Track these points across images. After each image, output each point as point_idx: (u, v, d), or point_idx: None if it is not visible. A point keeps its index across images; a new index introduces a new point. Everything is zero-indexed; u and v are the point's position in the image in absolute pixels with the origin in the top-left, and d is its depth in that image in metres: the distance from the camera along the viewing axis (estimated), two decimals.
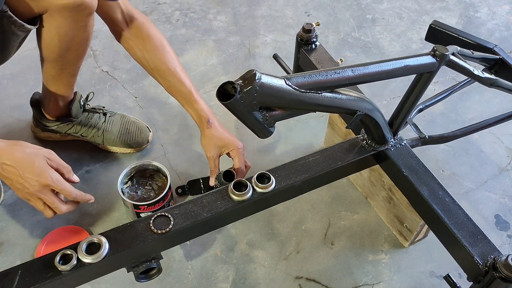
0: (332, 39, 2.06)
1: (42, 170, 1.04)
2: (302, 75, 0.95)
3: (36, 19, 1.22)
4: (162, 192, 1.38)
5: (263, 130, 0.96)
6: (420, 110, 1.42)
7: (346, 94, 1.03)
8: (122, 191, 1.39)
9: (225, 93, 0.87)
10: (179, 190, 1.52)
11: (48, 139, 1.62)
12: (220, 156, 1.37)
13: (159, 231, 1.05)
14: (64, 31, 1.24)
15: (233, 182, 1.12)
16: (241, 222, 1.40)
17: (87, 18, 1.23)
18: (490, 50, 1.33)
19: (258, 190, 1.12)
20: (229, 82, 0.86)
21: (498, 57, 1.33)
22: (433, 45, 1.07)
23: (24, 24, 1.17)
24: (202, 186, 1.51)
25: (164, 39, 1.41)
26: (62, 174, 1.09)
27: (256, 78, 0.85)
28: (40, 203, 1.09)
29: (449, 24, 1.38)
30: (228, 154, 1.38)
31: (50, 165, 1.06)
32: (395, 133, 1.26)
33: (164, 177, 1.44)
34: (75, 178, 1.13)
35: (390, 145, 1.24)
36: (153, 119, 1.74)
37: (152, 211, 1.38)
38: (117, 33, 1.39)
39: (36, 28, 1.25)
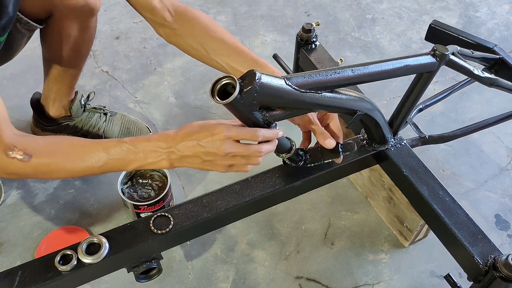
0: (332, 39, 2.06)
1: (213, 126, 0.93)
2: (302, 75, 0.95)
3: (42, 19, 1.22)
4: (162, 192, 1.38)
5: None
6: (420, 110, 1.42)
7: (346, 94, 1.02)
8: (122, 191, 1.39)
9: (224, 92, 0.87)
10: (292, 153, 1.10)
11: None
12: None
13: (159, 231, 1.05)
14: (67, 32, 1.25)
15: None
16: (241, 222, 1.40)
17: (91, 19, 1.24)
18: (490, 50, 1.33)
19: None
20: (227, 79, 0.86)
21: (498, 56, 1.33)
22: (433, 44, 1.07)
23: (29, 21, 1.17)
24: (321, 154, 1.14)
25: (211, 19, 1.22)
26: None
27: (256, 78, 0.85)
28: (238, 160, 0.96)
29: (449, 24, 1.38)
30: None
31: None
32: (395, 133, 1.26)
33: (164, 177, 1.44)
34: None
35: (390, 145, 1.24)
36: (153, 119, 1.74)
37: (152, 211, 1.38)
38: (163, 28, 1.21)
39: (41, 29, 1.26)
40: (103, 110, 1.61)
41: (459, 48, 1.14)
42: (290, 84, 0.91)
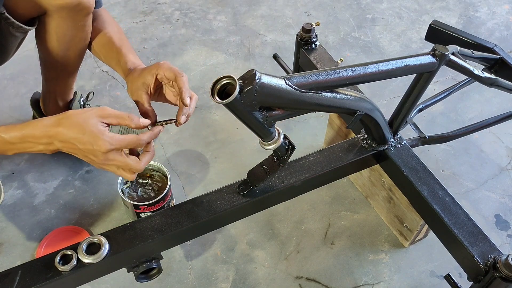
0: (332, 39, 2.06)
1: (94, 137, 0.91)
2: (302, 75, 0.95)
3: (34, 20, 1.22)
4: (162, 192, 1.38)
5: (263, 130, 0.96)
6: (420, 110, 1.42)
7: (346, 94, 1.03)
8: (122, 191, 1.39)
9: (224, 92, 0.87)
10: (242, 187, 1.13)
11: None
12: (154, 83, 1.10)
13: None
14: (62, 31, 1.24)
15: None
16: (241, 222, 1.40)
17: (85, 18, 1.23)
18: (490, 50, 1.34)
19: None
20: (227, 79, 0.86)
21: (498, 56, 1.33)
22: (433, 44, 1.07)
23: (22, 25, 1.17)
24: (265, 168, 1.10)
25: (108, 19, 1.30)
26: (126, 125, 0.98)
27: (256, 78, 0.85)
28: (114, 168, 0.98)
29: (449, 24, 1.38)
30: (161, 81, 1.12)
31: (106, 123, 0.94)
32: (395, 133, 1.26)
33: (164, 177, 1.44)
34: (143, 121, 1.00)
35: (390, 145, 1.24)
36: None
37: (152, 211, 1.38)
38: None
39: (35, 29, 1.25)
40: None
41: (459, 48, 1.14)
42: (290, 84, 0.92)
